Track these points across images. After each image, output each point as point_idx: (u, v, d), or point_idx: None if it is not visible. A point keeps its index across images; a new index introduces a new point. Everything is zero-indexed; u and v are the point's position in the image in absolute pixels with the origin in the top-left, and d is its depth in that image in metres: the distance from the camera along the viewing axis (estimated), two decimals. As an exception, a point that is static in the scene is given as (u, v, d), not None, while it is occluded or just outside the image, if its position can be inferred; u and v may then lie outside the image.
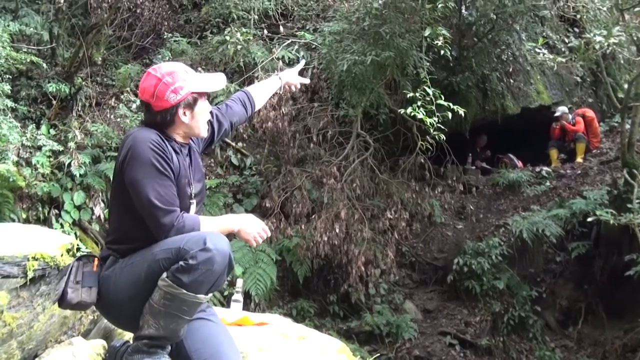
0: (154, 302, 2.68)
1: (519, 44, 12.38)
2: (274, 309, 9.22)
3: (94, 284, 2.89)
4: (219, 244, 2.64)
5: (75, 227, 8.94)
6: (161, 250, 2.72)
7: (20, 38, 10.29)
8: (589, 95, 14.97)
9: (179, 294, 2.62)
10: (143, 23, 12.09)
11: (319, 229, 9.71)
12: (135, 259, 2.84)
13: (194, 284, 2.62)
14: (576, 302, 10.04)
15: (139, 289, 2.75)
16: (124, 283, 2.82)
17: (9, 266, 3.53)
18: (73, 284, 2.87)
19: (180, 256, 2.63)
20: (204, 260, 2.59)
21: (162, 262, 2.68)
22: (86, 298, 2.86)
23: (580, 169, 12.15)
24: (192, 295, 2.64)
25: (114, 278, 2.86)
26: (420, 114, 8.75)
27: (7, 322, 3.44)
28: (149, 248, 2.80)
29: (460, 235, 11.42)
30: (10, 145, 8.68)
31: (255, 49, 11.48)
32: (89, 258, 2.99)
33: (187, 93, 2.94)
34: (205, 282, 2.65)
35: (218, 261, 2.62)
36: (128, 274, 2.82)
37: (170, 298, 2.64)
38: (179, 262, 2.62)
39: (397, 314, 10.19)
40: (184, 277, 2.60)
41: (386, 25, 9.52)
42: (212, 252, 2.60)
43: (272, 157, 11.29)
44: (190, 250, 2.61)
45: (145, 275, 2.74)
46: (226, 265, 2.68)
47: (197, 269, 2.59)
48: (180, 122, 2.97)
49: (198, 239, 2.65)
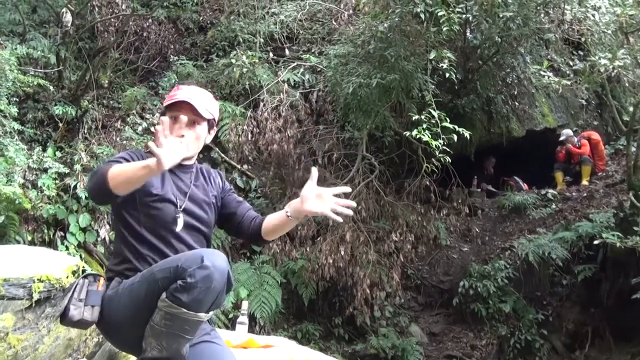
0: (155, 324, 2.65)
1: (523, 66, 12.40)
2: (278, 332, 9.18)
3: (96, 303, 2.87)
4: (217, 261, 2.61)
5: (80, 249, 8.93)
6: (160, 270, 2.70)
7: (28, 61, 10.36)
8: (594, 118, 14.98)
9: (180, 313, 2.59)
10: (149, 46, 12.18)
11: (324, 251, 9.69)
12: (135, 279, 2.83)
13: (194, 302, 2.58)
14: (583, 325, 9.96)
15: (139, 309, 2.73)
16: (125, 304, 2.81)
17: (14, 288, 3.54)
18: (76, 302, 2.86)
19: (178, 275, 2.59)
20: (202, 278, 2.56)
21: (161, 282, 2.65)
22: (88, 317, 2.84)
23: (586, 192, 12.12)
24: (192, 314, 2.61)
25: (116, 299, 2.85)
26: (425, 136, 8.77)
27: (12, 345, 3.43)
28: (149, 269, 2.79)
29: (465, 258, 11.38)
30: (17, 167, 8.71)
31: (260, 72, 11.54)
32: (95, 277, 2.98)
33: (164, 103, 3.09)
34: (205, 301, 2.61)
35: (216, 278, 2.58)
36: (129, 295, 2.81)
37: (170, 318, 2.61)
38: (177, 282, 2.58)
39: (402, 337, 10.14)
40: (183, 296, 2.57)
41: (391, 49, 9.57)
42: (210, 269, 2.57)
43: (278, 180, 11.28)
44: (188, 269, 2.57)
45: (145, 295, 2.72)
46: (225, 283, 2.64)
47: (195, 287, 2.56)
48: None
49: (195, 256, 2.63)
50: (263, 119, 10.93)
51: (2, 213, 8.24)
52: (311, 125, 11.60)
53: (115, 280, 2.93)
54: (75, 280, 2.98)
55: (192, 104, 2.98)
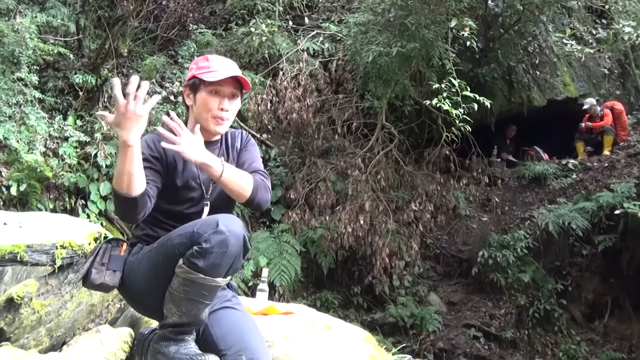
0: (174, 290, 2.67)
1: (545, 35, 12.25)
2: (298, 300, 9.23)
3: (118, 268, 2.89)
4: (232, 226, 2.61)
5: (101, 217, 9.00)
6: (177, 236, 2.71)
7: (48, 29, 10.36)
8: (616, 88, 14.81)
9: (197, 278, 2.61)
10: (168, 15, 12.13)
11: (343, 220, 9.70)
12: (153, 246, 2.86)
13: (211, 267, 2.59)
14: (602, 295, 9.95)
15: (158, 275, 2.76)
16: (144, 270, 2.84)
17: (37, 254, 3.57)
18: (98, 265, 2.88)
19: (194, 241, 2.61)
20: (217, 242, 2.57)
21: (178, 247, 2.67)
22: (109, 281, 2.86)
23: (607, 162, 12.03)
24: (210, 280, 2.62)
25: (136, 264, 2.87)
26: (445, 105, 8.72)
27: (36, 310, 3.48)
28: (167, 235, 2.80)
29: (485, 228, 11.37)
30: (38, 136, 8.77)
31: (280, 41, 11.48)
32: (117, 242, 3.01)
33: (191, 75, 3.02)
34: (222, 265, 2.62)
35: (232, 243, 2.59)
36: (148, 261, 2.84)
37: (189, 284, 2.63)
38: (193, 247, 2.59)
39: (421, 306, 10.18)
40: (199, 261, 2.58)
41: (412, 17, 9.48)
42: (225, 234, 2.57)
43: (297, 149, 11.29)
44: (204, 234, 2.58)
45: (163, 262, 2.74)
46: (241, 247, 2.65)
47: (211, 252, 2.57)
48: (189, 106, 3.06)
49: (210, 221, 2.63)
50: (282, 88, 10.90)
51: (24, 181, 8.32)
52: (330, 95, 11.55)
53: (137, 246, 2.96)
54: (98, 244, 3.01)
55: (239, 79, 3.00)
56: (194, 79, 3.00)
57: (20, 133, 8.59)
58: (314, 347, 3.21)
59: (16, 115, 8.78)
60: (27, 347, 3.43)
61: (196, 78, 2.99)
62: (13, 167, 8.41)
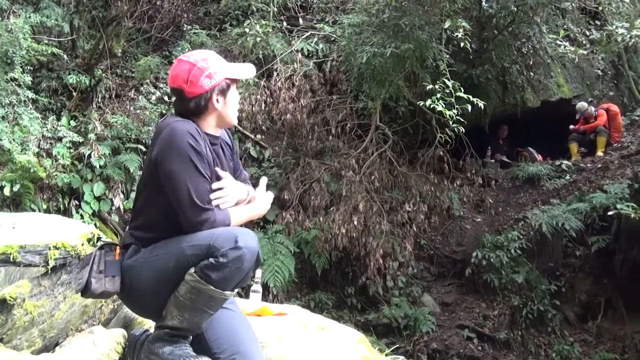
0: (180, 295, 2.67)
1: (539, 36, 12.29)
2: (291, 301, 9.22)
3: (116, 273, 2.86)
4: (249, 242, 2.63)
5: (95, 218, 8.99)
6: (190, 246, 2.69)
7: (41, 30, 10.33)
8: (610, 89, 14.85)
9: (206, 289, 2.62)
10: (163, 15, 12.10)
11: (337, 221, 9.71)
12: (160, 251, 2.80)
13: (222, 281, 2.61)
14: (595, 296, 9.97)
15: (165, 281, 2.74)
16: (148, 274, 2.79)
17: (30, 255, 3.57)
18: (96, 274, 2.84)
19: (210, 253, 2.61)
20: (234, 258, 2.58)
21: (191, 258, 2.66)
22: (110, 287, 2.84)
23: (601, 163, 12.06)
24: (219, 292, 2.64)
25: (137, 268, 2.83)
26: (439, 106, 8.73)
27: (28, 311, 3.47)
28: (175, 241, 2.76)
29: (478, 229, 11.37)
30: (31, 136, 8.75)
31: (274, 41, 11.48)
32: (110, 246, 2.97)
33: (221, 79, 2.92)
34: (234, 280, 2.64)
35: (248, 259, 2.61)
36: (153, 266, 2.79)
37: (196, 292, 2.63)
38: (209, 259, 2.59)
39: (415, 307, 10.18)
40: (213, 274, 2.59)
41: (406, 18, 9.49)
42: (243, 250, 2.59)
43: (291, 150, 11.29)
44: (221, 249, 2.59)
45: (172, 269, 2.71)
46: (254, 263, 2.68)
47: (226, 267, 2.58)
48: (213, 109, 2.92)
49: (229, 236, 2.63)
50: (276, 89, 10.91)
51: (18, 182, 8.30)
52: (325, 95, 11.56)
53: (132, 248, 2.90)
54: (91, 252, 2.97)
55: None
56: (224, 81, 2.95)
57: (14, 133, 8.56)
58: (307, 348, 3.21)
59: (9, 115, 8.75)
60: (20, 348, 3.42)
61: (228, 79, 2.96)
62: (6, 167, 8.39)
